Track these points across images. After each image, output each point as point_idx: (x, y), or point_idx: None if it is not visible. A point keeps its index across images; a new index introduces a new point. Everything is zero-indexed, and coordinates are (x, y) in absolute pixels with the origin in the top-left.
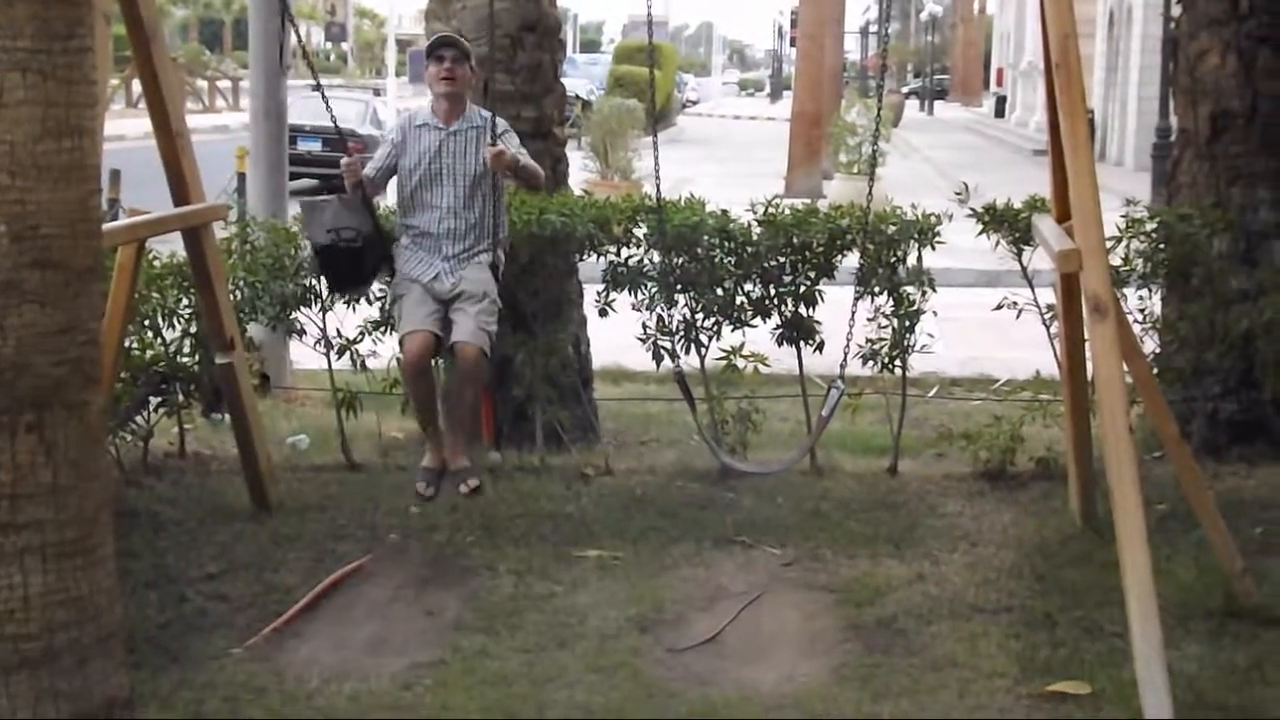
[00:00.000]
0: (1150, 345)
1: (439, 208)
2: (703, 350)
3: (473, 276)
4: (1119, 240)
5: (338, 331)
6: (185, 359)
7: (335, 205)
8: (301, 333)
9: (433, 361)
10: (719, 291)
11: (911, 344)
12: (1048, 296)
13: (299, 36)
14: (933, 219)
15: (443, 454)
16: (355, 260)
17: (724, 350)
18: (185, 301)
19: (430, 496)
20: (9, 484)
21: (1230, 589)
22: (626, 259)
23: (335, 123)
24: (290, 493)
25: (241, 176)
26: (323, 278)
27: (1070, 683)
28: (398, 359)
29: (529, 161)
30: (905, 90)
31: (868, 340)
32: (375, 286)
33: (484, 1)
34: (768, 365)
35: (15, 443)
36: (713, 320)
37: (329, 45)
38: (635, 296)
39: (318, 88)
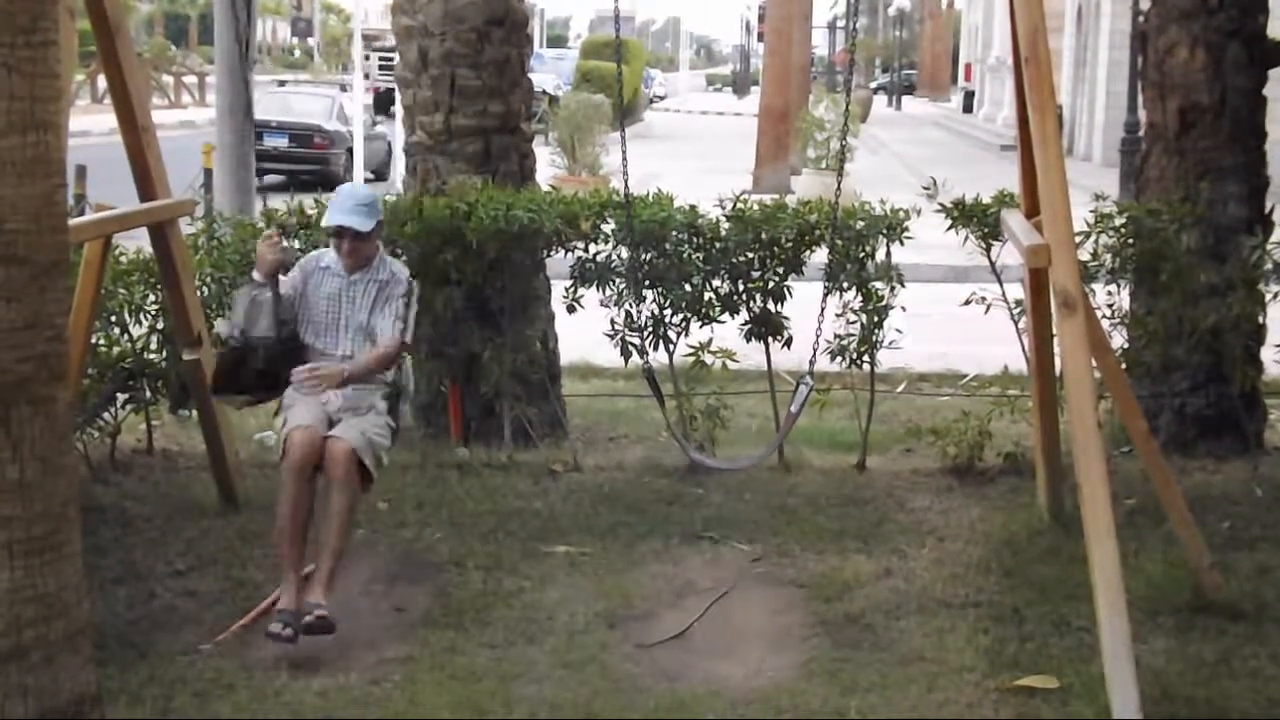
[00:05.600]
0: (1119, 340)
1: (328, 356)
2: (671, 346)
3: (360, 401)
4: (1088, 235)
5: None
6: (152, 355)
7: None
8: None
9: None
10: (687, 287)
11: (880, 339)
12: (1016, 291)
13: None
14: (901, 214)
15: (299, 585)
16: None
17: (692, 346)
18: (152, 297)
19: (289, 639)
20: None
21: (1198, 583)
22: (594, 255)
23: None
24: (258, 489)
25: (208, 172)
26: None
27: (1038, 677)
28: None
29: (363, 362)
30: (873, 85)
31: (836, 336)
32: None
33: None
34: (736, 361)
35: None
36: (681, 316)
37: (295, 40)
38: (603, 292)
39: (286, 82)
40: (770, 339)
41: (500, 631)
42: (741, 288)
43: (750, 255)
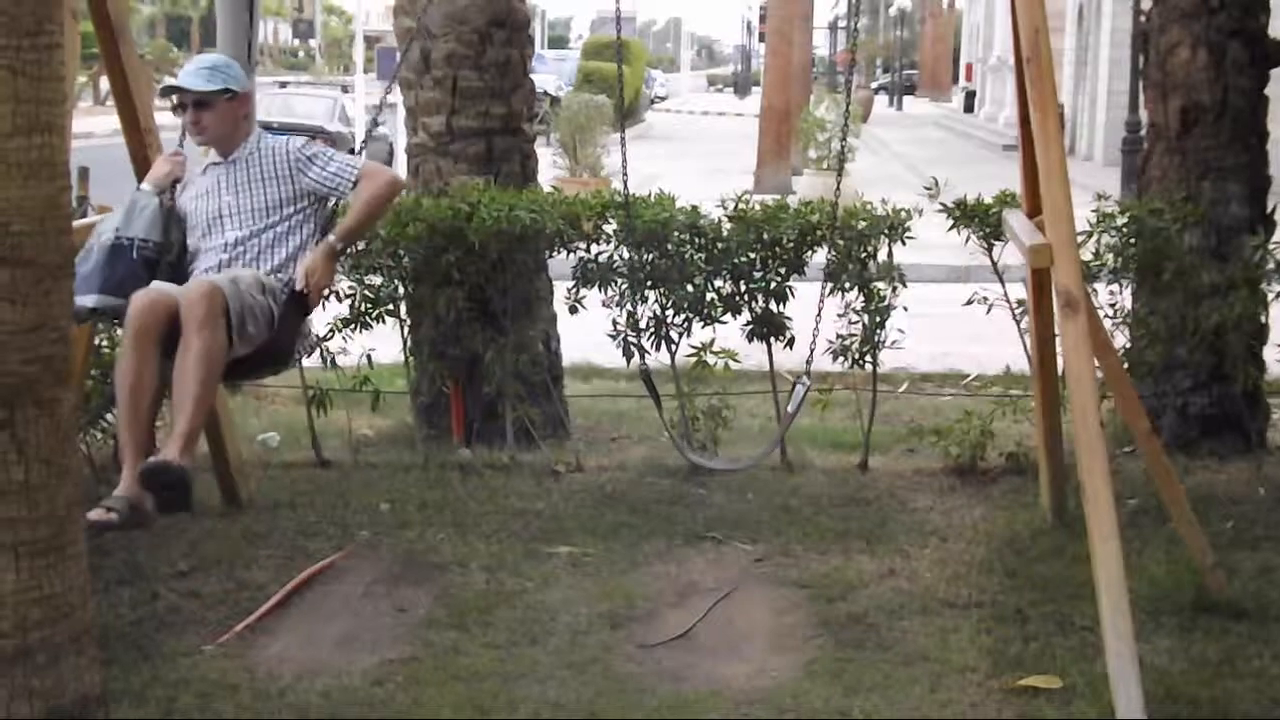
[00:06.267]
0: (1121, 340)
1: (213, 247)
2: (673, 347)
3: (244, 272)
4: (1090, 235)
5: None
6: None
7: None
8: None
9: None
10: (689, 288)
11: (882, 339)
12: (1018, 291)
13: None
14: (903, 214)
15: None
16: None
17: (694, 347)
18: None
19: (109, 525)
20: None
21: (1202, 583)
22: (596, 255)
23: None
24: (261, 490)
25: None
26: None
27: (1041, 677)
28: (368, 356)
29: (355, 220)
30: (874, 85)
31: (838, 336)
32: None
33: None
34: (738, 361)
35: None
36: (683, 317)
37: (296, 42)
38: (605, 293)
39: (287, 84)
40: (772, 339)
41: (503, 632)
42: (743, 288)
43: (752, 255)
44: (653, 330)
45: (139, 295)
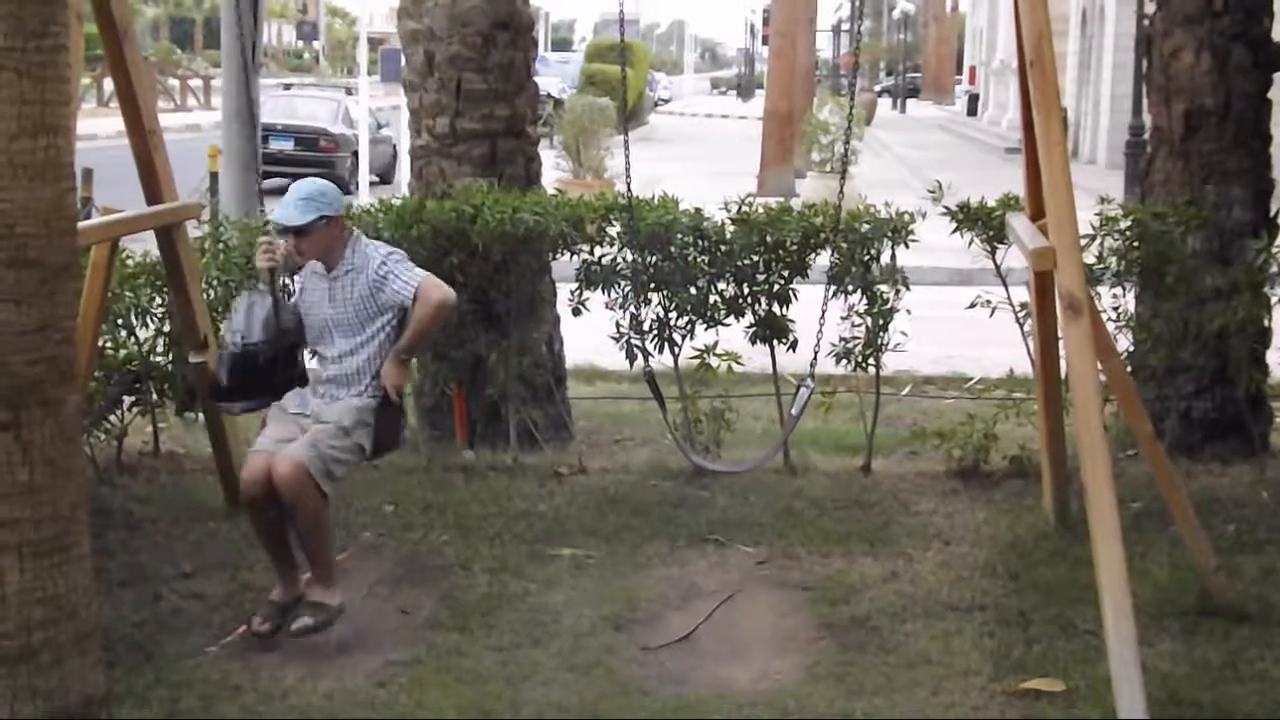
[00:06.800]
0: (1124, 343)
1: (323, 357)
2: (676, 349)
3: (332, 409)
4: (1093, 238)
5: None
6: (159, 358)
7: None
8: None
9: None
10: (692, 290)
11: (885, 342)
12: (1021, 294)
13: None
14: (906, 217)
15: (294, 587)
16: (266, 375)
17: (697, 349)
18: (159, 300)
19: (265, 633)
20: None
21: (1204, 586)
22: (600, 258)
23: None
24: None
25: (214, 175)
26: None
27: (1044, 680)
28: None
29: (410, 338)
30: (878, 88)
31: (841, 339)
32: None
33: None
34: (741, 364)
35: None
36: (686, 319)
37: (300, 44)
38: (608, 295)
39: (292, 85)
40: (775, 341)
41: (506, 634)
42: (746, 290)
43: (755, 258)
44: (656, 332)
45: (251, 460)
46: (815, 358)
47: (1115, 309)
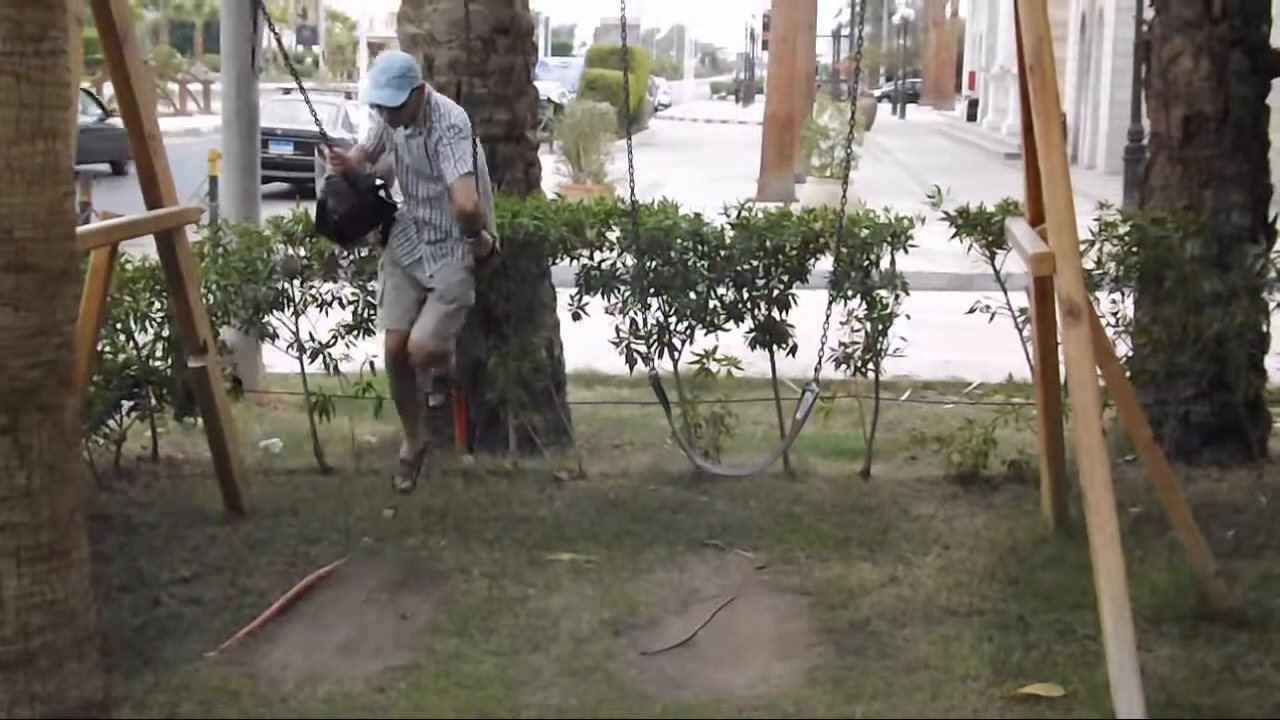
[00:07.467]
0: (1123, 348)
1: (414, 197)
2: (676, 354)
3: (446, 278)
4: (1092, 243)
5: (310, 335)
6: (158, 362)
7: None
8: (274, 336)
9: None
10: (692, 295)
11: (884, 347)
12: (1020, 300)
13: (278, 39)
14: (906, 222)
15: (418, 444)
16: (364, 220)
17: (697, 354)
18: (158, 305)
19: (406, 490)
20: None
21: (1203, 591)
22: (600, 262)
23: (319, 124)
24: (263, 496)
25: (213, 180)
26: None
27: (1043, 685)
28: (370, 363)
29: (459, 224)
30: (877, 94)
31: (840, 344)
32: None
33: (456, 4)
34: (741, 369)
35: None
36: (686, 324)
37: (300, 48)
38: (608, 300)
39: (291, 90)
40: (775, 347)
41: (505, 639)
42: (746, 295)
43: (755, 263)
44: (656, 337)
45: (389, 337)
46: (820, 363)
47: (1114, 314)
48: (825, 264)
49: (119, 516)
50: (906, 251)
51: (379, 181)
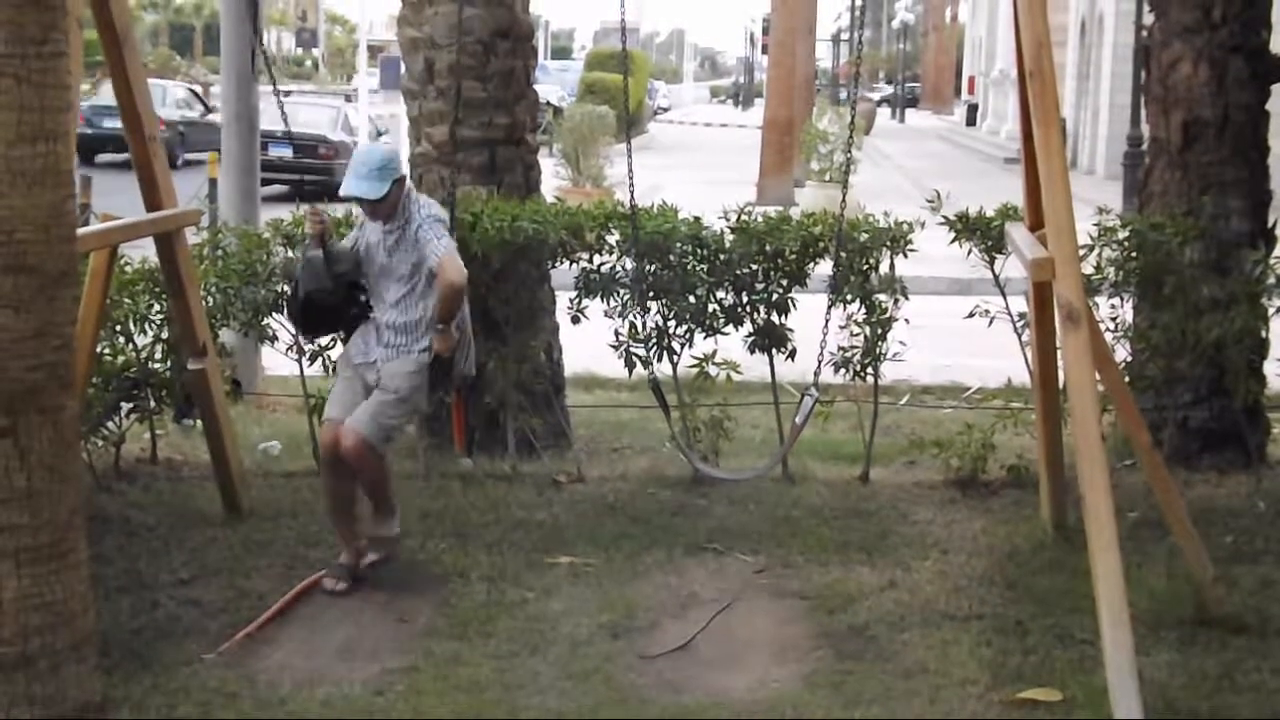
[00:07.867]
0: (1122, 353)
1: (382, 301)
2: (675, 358)
3: (394, 370)
4: (1091, 248)
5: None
6: (157, 365)
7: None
8: (273, 339)
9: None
10: (691, 299)
11: (883, 351)
12: (1020, 304)
13: (264, 53)
14: (905, 227)
15: (355, 551)
16: (332, 311)
17: (696, 358)
18: (157, 307)
19: (339, 591)
20: None
21: (1201, 596)
22: (599, 266)
23: (286, 124)
24: (262, 499)
25: (213, 182)
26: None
27: (1041, 689)
28: None
29: (438, 310)
30: (877, 98)
31: (840, 348)
32: None
33: (456, 8)
34: (740, 373)
35: None
36: (685, 328)
37: (300, 51)
38: (608, 304)
39: (291, 92)
40: (774, 351)
41: (504, 642)
42: (745, 299)
43: (754, 267)
44: (655, 341)
45: (325, 427)
46: (819, 367)
47: (1113, 319)
48: (824, 268)
49: (118, 518)
50: (906, 256)
51: (361, 280)
